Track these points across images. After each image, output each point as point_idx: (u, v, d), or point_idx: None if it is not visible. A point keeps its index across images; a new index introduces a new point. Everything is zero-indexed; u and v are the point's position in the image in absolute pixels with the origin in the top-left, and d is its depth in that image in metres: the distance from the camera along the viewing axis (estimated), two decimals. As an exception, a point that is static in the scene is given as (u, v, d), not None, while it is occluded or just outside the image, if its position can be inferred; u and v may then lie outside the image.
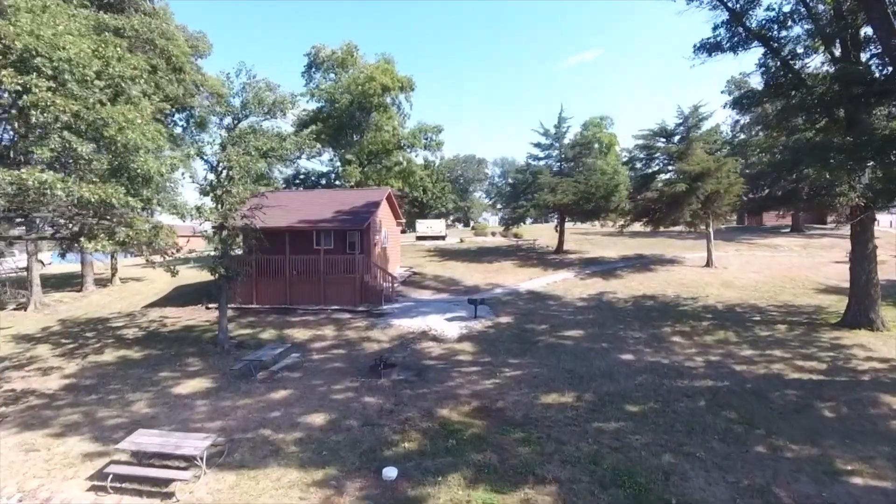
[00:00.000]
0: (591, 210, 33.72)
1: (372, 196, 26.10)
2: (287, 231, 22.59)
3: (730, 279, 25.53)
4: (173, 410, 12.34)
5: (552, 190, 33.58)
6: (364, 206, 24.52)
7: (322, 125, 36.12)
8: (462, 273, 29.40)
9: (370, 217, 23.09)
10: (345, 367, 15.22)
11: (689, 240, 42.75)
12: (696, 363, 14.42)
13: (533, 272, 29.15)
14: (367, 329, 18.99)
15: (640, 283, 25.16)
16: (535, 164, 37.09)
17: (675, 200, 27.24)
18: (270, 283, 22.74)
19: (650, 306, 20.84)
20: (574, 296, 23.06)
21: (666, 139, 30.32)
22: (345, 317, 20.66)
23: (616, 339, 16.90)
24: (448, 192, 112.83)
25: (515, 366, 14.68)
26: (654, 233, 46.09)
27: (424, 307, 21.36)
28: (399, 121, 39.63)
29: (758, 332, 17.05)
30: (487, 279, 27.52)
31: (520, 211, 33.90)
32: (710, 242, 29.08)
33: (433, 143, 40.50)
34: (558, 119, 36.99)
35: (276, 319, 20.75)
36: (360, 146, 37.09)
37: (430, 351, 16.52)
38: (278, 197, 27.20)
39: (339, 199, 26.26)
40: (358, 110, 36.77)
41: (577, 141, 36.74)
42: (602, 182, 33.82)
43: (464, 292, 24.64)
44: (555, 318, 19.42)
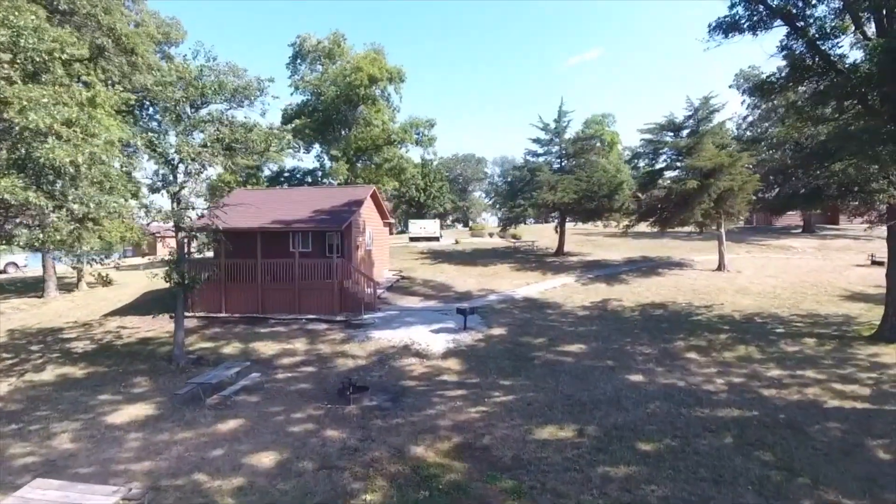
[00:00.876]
0: (594, 210, 31.95)
1: (355, 194, 24.30)
2: (259, 232, 20.79)
3: (745, 285, 23.72)
4: (98, 446, 10.51)
5: (552, 188, 31.80)
6: (345, 206, 22.72)
7: (307, 119, 34.32)
8: (454, 277, 27.58)
9: (351, 217, 21.28)
10: (311, 390, 13.40)
11: (697, 241, 40.95)
12: (717, 386, 12.60)
13: (531, 276, 27.34)
14: (342, 342, 17.17)
15: (647, 290, 23.35)
16: (533, 161, 35.31)
17: (684, 199, 25.44)
18: (241, 290, 20.92)
19: (660, 316, 19.03)
20: (575, 304, 21.24)
21: (674, 133, 28.53)
22: (320, 328, 18.85)
23: (623, 355, 15.08)
24: (446, 192, 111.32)
25: (507, 389, 12.86)
26: (660, 234, 44.35)
27: (410, 317, 19.54)
28: (389, 115, 37.80)
29: (784, 348, 15.23)
30: (481, 284, 25.71)
31: (517, 211, 32.11)
32: (721, 244, 27.29)
33: (425, 139, 38.68)
34: (558, 113, 35.22)
35: (243, 331, 18.93)
36: (347, 142, 35.23)
37: (411, 369, 14.70)
38: (252, 195, 25.42)
39: (319, 197, 24.46)
40: (344, 103, 34.96)
41: (579, 136, 34.92)
42: (605, 179, 32.05)
43: (455, 299, 22.82)
44: (553, 330, 17.60)
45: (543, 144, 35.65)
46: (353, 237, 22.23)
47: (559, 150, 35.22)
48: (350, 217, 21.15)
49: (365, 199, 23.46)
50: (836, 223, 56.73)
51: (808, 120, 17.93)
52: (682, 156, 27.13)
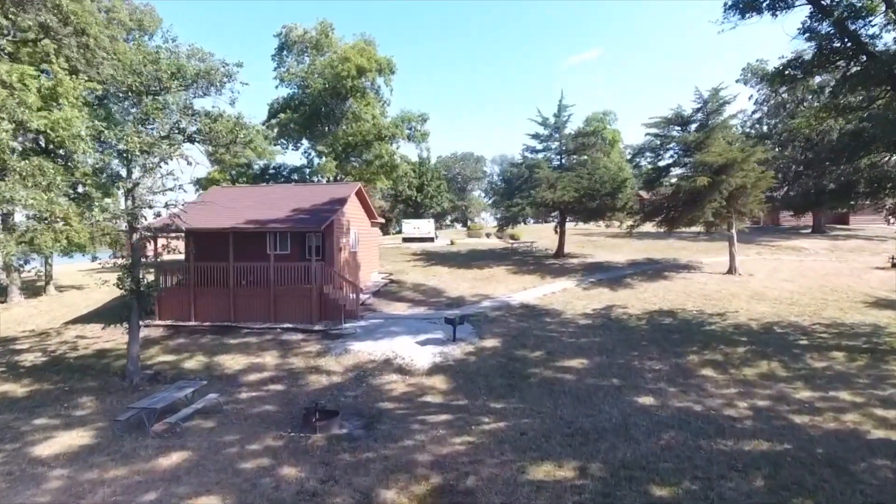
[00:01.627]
0: (596, 209, 30.43)
1: (338, 192, 22.78)
2: (231, 233, 19.25)
3: (759, 290, 22.22)
4: (13, 487, 8.99)
5: (551, 186, 30.26)
6: (327, 204, 21.20)
7: (292, 114, 32.77)
8: (447, 281, 26.06)
9: (332, 216, 19.76)
10: (275, 413, 11.89)
11: (704, 242, 39.45)
12: (740, 411, 11.09)
13: (528, 280, 25.83)
14: (318, 356, 15.65)
15: (654, 295, 21.84)
16: (531, 158, 33.77)
17: (693, 197, 23.95)
18: (211, 296, 19.40)
19: (669, 325, 17.52)
20: (576, 311, 19.72)
21: (681, 127, 27.02)
22: (295, 338, 17.32)
23: (630, 371, 13.57)
24: (444, 191, 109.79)
25: (498, 413, 11.35)
26: (665, 234, 42.90)
27: (395, 326, 18.02)
28: (379, 109, 36.20)
29: (810, 363, 13.72)
30: (475, 289, 24.18)
31: (514, 210, 30.58)
32: (732, 246, 25.80)
33: (418, 134, 37.10)
34: (558, 107, 33.69)
35: (211, 342, 17.40)
36: (334, 137, 33.63)
37: (392, 388, 13.19)
38: (229, 193, 23.92)
39: (300, 195, 22.93)
40: (332, 97, 33.38)
41: (581, 131, 33.40)
42: (608, 177, 30.53)
43: (446, 305, 21.30)
44: (552, 342, 16.09)
45: (542, 140, 34.12)
46: (335, 238, 20.71)
47: (559, 147, 33.69)
48: (331, 216, 19.62)
49: (348, 197, 21.94)
50: (847, 223, 55.29)
51: (833, 109, 16.44)
52: (691, 151, 25.63)
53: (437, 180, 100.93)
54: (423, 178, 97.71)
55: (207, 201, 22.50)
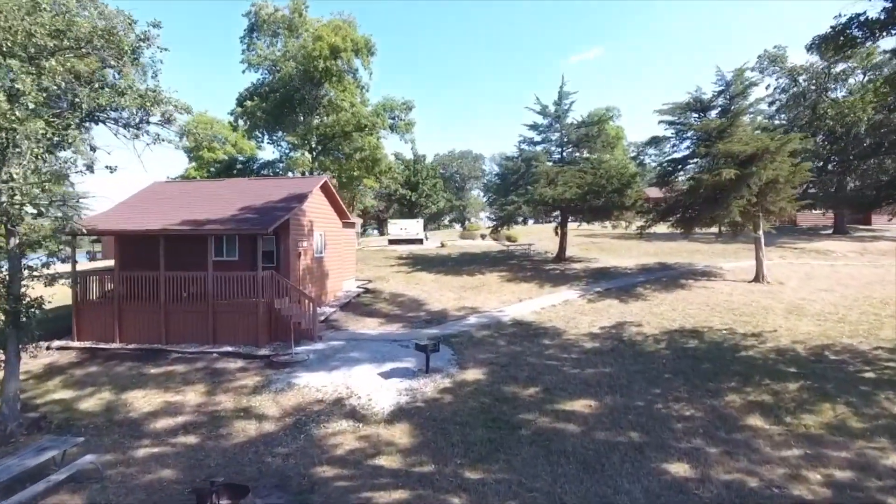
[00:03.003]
0: (601, 207, 27.35)
1: (298, 186, 19.69)
2: (161, 236, 16.17)
3: (795, 301, 19.17)
4: None
5: (551, 182, 27.22)
6: (282, 201, 18.12)
7: (261, 101, 29.68)
8: (430, 291, 22.99)
9: (286, 215, 16.69)
10: (170, 485, 8.81)
11: (719, 244, 36.45)
12: (812, 487, 8.03)
13: (524, 289, 22.76)
14: (253, 392, 12.56)
15: (671, 308, 18.77)
16: (529, 150, 30.68)
17: (716, 193, 20.88)
18: (139, 312, 16.35)
19: (696, 350, 14.44)
20: (580, 330, 16.65)
21: (700, 113, 23.94)
22: (232, 366, 14.24)
23: (653, 420, 10.49)
24: (440, 190, 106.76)
25: (474, 491, 8.27)
26: (676, 236, 39.89)
27: (357, 350, 14.94)
28: (359, 96, 32.98)
29: (889, 407, 10.65)
30: (462, 301, 21.11)
31: (509, 209, 27.49)
32: (759, 250, 22.76)
33: (401, 124, 33.96)
34: (559, 94, 30.66)
35: (127, 371, 14.30)
36: (307, 128, 30.45)
37: (338, 443, 10.11)
38: (170, 189, 20.85)
39: (253, 191, 19.85)
40: (305, 81, 30.22)
41: (585, 120, 30.29)
42: (615, 172, 27.47)
43: (424, 322, 18.24)
44: (551, 373, 13.00)
45: (541, 131, 31.06)
46: (290, 242, 17.64)
47: (560, 138, 30.63)
48: (284, 216, 16.55)
49: (310, 193, 18.84)
50: (869, 223, 52.41)
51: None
52: (712, 140, 22.56)
53: (432, 179, 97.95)
54: (419, 176, 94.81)
55: (145, 199, 19.43)
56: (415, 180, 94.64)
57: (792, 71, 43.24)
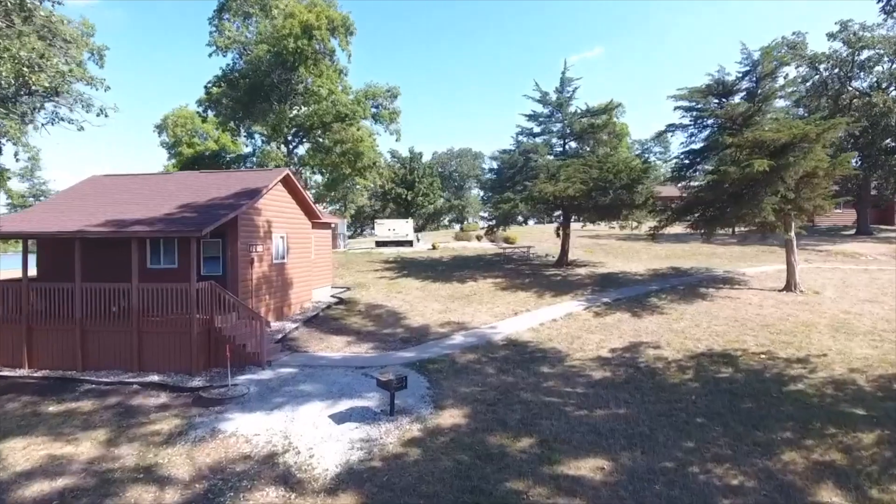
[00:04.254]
0: (608, 205, 24.68)
1: (254, 181, 17.00)
2: (77, 239, 13.50)
3: (839, 316, 16.51)
4: None
5: (552, 177, 24.62)
6: (231, 198, 15.48)
7: (229, 88, 27.01)
8: (413, 301, 20.33)
9: (231, 214, 14.03)
10: None
11: (736, 247, 33.87)
12: None
13: (521, 300, 20.10)
14: (167, 442, 9.87)
15: (694, 324, 16.10)
16: (527, 142, 27.98)
17: (742, 189, 18.23)
18: (52, 333, 13.69)
19: (731, 382, 11.75)
20: (586, 353, 13.96)
21: (721, 98, 21.25)
22: (152, 402, 11.56)
23: (689, 492, 7.79)
24: (437, 189, 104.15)
25: None
26: (689, 236, 37.29)
27: (311, 381, 12.25)
28: (336, 80, 30.15)
29: None
30: (448, 314, 18.46)
31: (505, 207, 24.78)
32: (791, 253, 20.09)
33: (385, 113, 31.20)
34: (561, 80, 28.07)
35: (20, 409, 11.63)
36: (279, 117, 27.72)
37: (254, 528, 7.42)
38: (108, 184, 18.21)
39: (202, 186, 17.18)
40: (277, 65, 27.50)
41: (590, 108, 27.59)
42: (623, 166, 24.80)
43: (401, 341, 15.57)
44: (550, 416, 10.31)
45: (541, 121, 28.42)
46: (241, 246, 14.99)
47: (562, 129, 27.97)
48: (228, 215, 13.89)
49: (266, 188, 16.17)
50: (892, 223, 49.75)
51: None
52: (737, 128, 19.89)
53: (429, 177, 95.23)
54: (415, 174, 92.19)
55: (74, 195, 16.78)
56: (411, 178, 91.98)
57: (813, 59, 40.52)
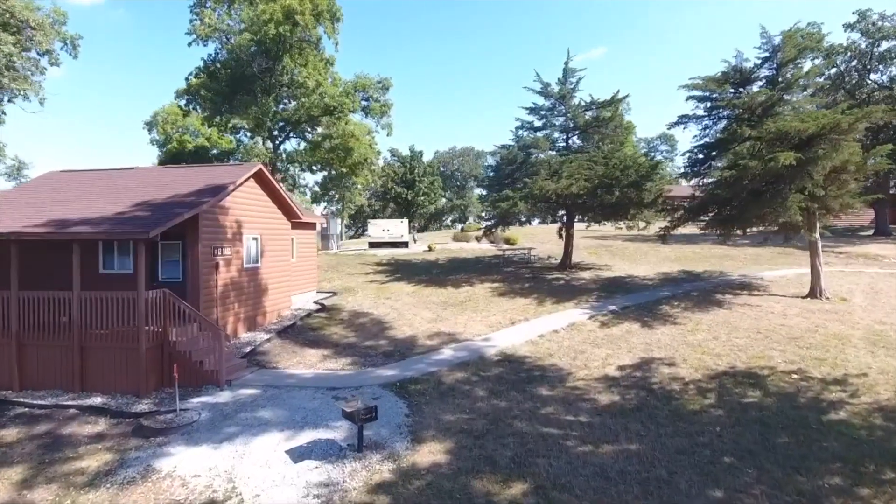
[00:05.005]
0: (615, 204, 23.10)
1: (220, 176, 15.47)
2: (14, 242, 12.00)
3: (873, 326, 14.90)
4: None
5: (554, 173, 23.05)
6: (193, 195, 13.94)
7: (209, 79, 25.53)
8: (402, 308, 18.81)
9: (187, 213, 12.52)
10: None
11: (749, 248, 32.20)
12: None
13: (520, 307, 18.54)
14: (91, 483, 8.34)
15: (712, 336, 14.51)
16: (527, 137, 26.39)
17: (764, 186, 16.63)
18: (-14, 347, 12.17)
19: (760, 408, 10.16)
20: (591, 371, 12.38)
21: (738, 87, 19.65)
22: (87, 431, 10.05)
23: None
24: (438, 188, 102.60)
25: None
26: (697, 237, 35.70)
27: (272, 406, 10.71)
28: (325, 72, 28.56)
29: None
30: (439, 323, 16.92)
31: (503, 206, 23.18)
32: (816, 256, 18.50)
33: (376, 106, 29.62)
34: (564, 71, 26.50)
35: (-67, 439, 10.12)
36: (263, 108, 26.17)
37: None
38: (59, 179, 16.73)
39: (165, 182, 15.69)
40: (259, 54, 25.96)
41: (595, 100, 25.99)
42: (631, 161, 23.21)
43: (383, 356, 14.03)
44: (549, 454, 8.73)
45: (542, 115, 26.84)
46: (203, 249, 13.47)
47: (564, 122, 26.41)
48: (184, 214, 12.37)
49: (233, 185, 14.64)
50: (910, 222, 47.92)
51: None
52: (757, 118, 18.29)
53: (430, 176, 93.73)
54: (415, 173, 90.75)
55: (21, 192, 15.31)
56: (411, 178, 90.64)
57: (830, 51, 38.78)
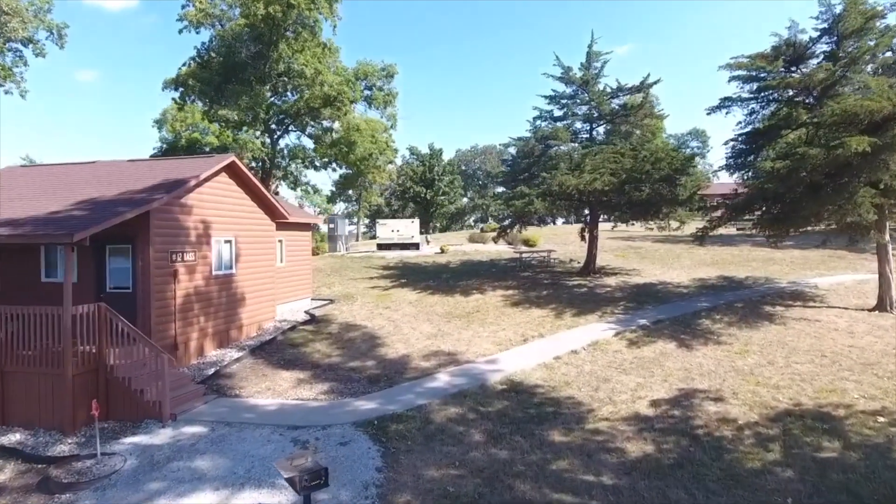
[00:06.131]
0: (645, 202, 20.64)
1: (185, 170, 13.57)
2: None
3: (969, 350, 12.25)
4: None
5: (575, 167, 20.72)
6: (145, 191, 12.07)
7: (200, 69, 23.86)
8: (400, 320, 16.74)
9: (134, 212, 10.64)
10: None
11: (795, 250, 29.22)
12: None
13: (535, 320, 16.30)
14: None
15: (766, 360, 12.08)
16: (546, 128, 24.02)
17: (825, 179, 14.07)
18: None
19: (840, 465, 7.80)
20: (618, 408, 10.08)
21: (789, 66, 17.07)
22: (-17, 485, 8.17)
23: None
24: (458, 187, 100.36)
25: None
26: (734, 238, 32.92)
27: (212, 453, 8.70)
28: (322, 57, 26.50)
29: None
30: (439, 339, 14.79)
31: (518, 204, 20.90)
32: (886, 262, 15.88)
33: (378, 95, 27.51)
34: (587, 55, 24.13)
35: None
36: (256, 98, 24.31)
37: None
38: (13, 175, 15.08)
39: (118, 176, 13.86)
40: (253, 39, 24.09)
41: (623, 86, 23.52)
42: (663, 154, 20.74)
43: (367, 381, 11.95)
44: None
45: (563, 103, 24.45)
46: (156, 254, 11.59)
47: (588, 111, 24.00)
48: (127, 214, 10.49)
49: (195, 179, 12.71)
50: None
51: None
52: (814, 101, 15.72)
53: (450, 174, 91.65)
54: (434, 172, 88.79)
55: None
56: (430, 177, 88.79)
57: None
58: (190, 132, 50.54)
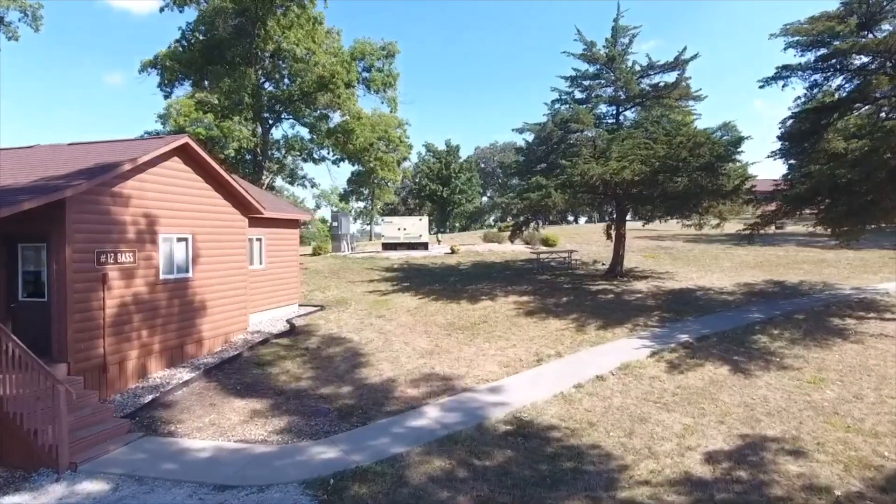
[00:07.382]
0: (682, 194, 17.94)
1: (122, 152, 11.39)
2: None
3: None
4: None
5: (600, 154, 18.13)
6: (62, 178, 9.92)
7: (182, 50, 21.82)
8: (392, 333, 14.38)
9: (38, 202, 8.48)
10: None
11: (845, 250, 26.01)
12: None
13: (551, 334, 13.80)
14: None
15: (851, 395, 9.44)
16: (566, 111, 21.39)
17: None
18: None
19: None
20: (661, 464, 7.56)
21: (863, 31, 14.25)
22: None
23: None
24: (476, 184, 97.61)
25: None
26: (777, 237, 29.95)
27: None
28: (315, 35, 24.19)
29: None
30: (433, 359, 12.39)
31: (533, 197, 18.35)
32: None
33: (377, 77, 25.11)
34: (613, 31, 21.49)
35: None
36: (241, 81, 22.09)
37: None
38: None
39: (43, 161, 11.75)
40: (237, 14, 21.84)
41: (653, 62, 20.84)
42: (703, 138, 18.02)
43: (337, 415, 9.59)
44: None
45: (585, 85, 21.82)
46: (75, 254, 9.42)
47: (614, 92, 21.33)
48: (24, 204, 8.31)
49: (130, 163, 10.51)
50: None
51: None
52: (892, 69, 12.93)
53: (467, 172, 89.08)
54: (451, 169, 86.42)
55: None
56: (446, 174, 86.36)
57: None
58: (194, 127, 49.03)
